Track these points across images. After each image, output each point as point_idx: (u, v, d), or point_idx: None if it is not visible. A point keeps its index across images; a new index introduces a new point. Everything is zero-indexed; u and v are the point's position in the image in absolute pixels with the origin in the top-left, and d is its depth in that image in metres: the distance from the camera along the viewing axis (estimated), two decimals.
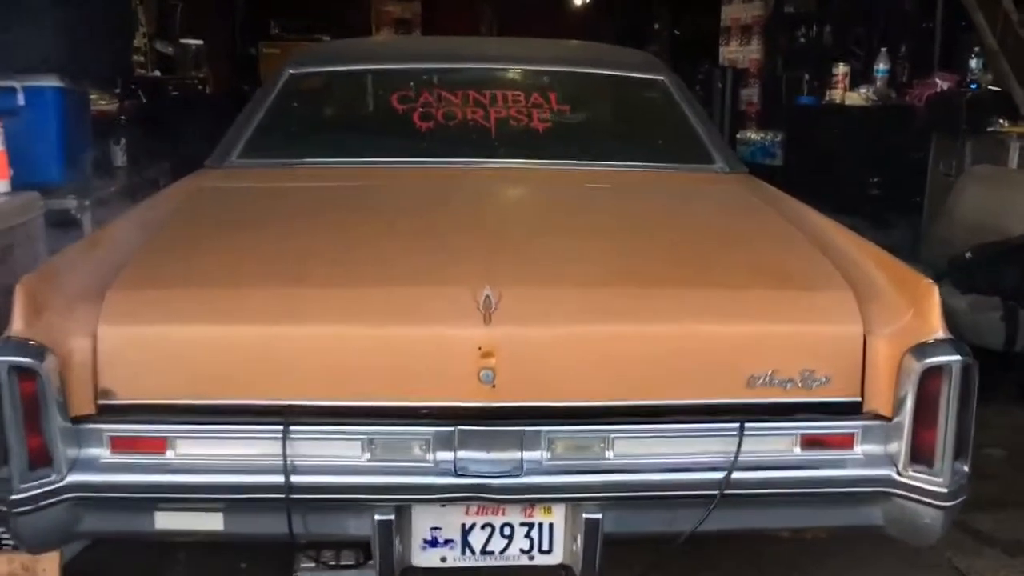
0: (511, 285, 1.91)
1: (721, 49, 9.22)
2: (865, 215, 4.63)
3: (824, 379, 1.91)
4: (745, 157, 6.11)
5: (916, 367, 1.87)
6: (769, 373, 1.90)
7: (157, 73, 6.76)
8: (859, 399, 1.94)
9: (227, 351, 1.88)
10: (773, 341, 1.94)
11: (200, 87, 7.22)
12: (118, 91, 4.75)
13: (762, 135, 7.64)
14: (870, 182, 5.80)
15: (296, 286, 1.98)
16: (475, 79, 3.26)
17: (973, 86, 5.32)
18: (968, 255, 3.98)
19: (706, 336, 1.94)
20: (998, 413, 1.91)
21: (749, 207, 2.70)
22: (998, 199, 4.38)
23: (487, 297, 1.86)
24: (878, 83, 5.87)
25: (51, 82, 3.49)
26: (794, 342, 1.94)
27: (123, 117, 4.56)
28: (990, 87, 5.28)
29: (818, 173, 5.91)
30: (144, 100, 5.09)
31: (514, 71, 3.41)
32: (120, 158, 4.36)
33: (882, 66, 5.89)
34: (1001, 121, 5.02)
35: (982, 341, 3.51)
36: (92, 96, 4.20)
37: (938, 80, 5.48)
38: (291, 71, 3.26)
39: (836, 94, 6.03)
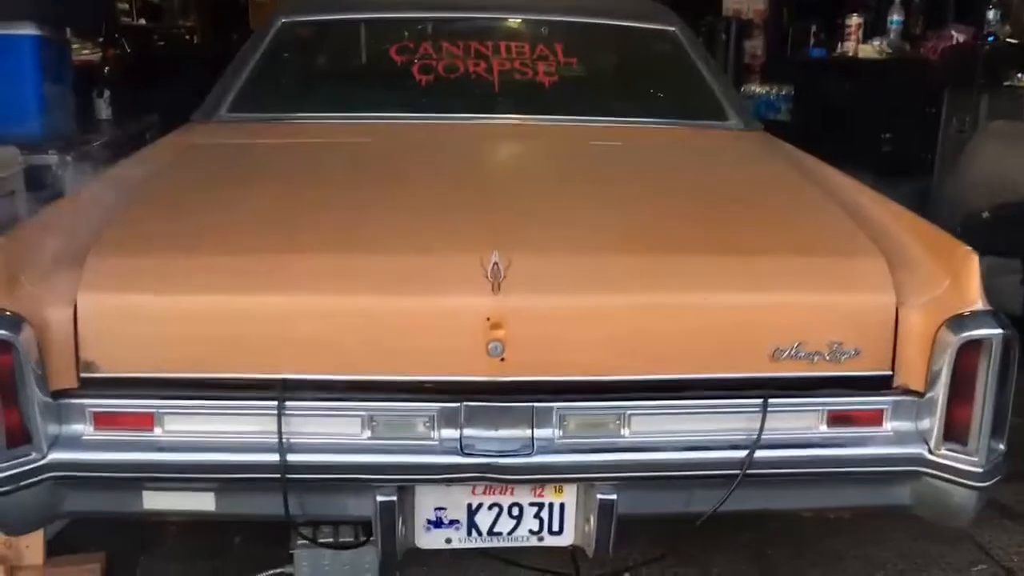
0: (521, 251, 1.79)
1: None
2: (874, 172, 4.48)
3: (853, 352, 1.81)
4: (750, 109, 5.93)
5: (953, 340, 1.77)
6: (795, 345, 1.79)
7: (142, 22, 6.53)
8: (890, 373, 1.84)
9: (218, 321, 1.76)
10: (799, 311, 1.83)
11: (187, 36, 6.97)
12: (102, 40, 4.55)
13: (767, 89, 7.46)
14: (881, 138, 5.65)
15: (292, 252, 1.86)
16: (477, 29, 3.11)
17: (990, 38, 5.14)
18: (985, 215, 3.86)
19: (728, 306, 1.82)
20: (1016, 380, 1.83)
21: (768, 167, 2.57)
22: (1015, 156, 4.24)
23: (495, 264, 1.74)
24: (892, 35, 5.68)
25: (28, 30, 3.29)
26: (822, 312, 1.83)
27: (107, 68, 4.36)
28: (1008, 40, 5.10)
29: (827, 128, 5.76)
30: (128, 50, 4.87)
31: (518, 21, 3.25)
32: (105, 111, 4.18)
33: (896, 17, 5.69)
34: (1019, 75, 4.86)
35: (999, 306, 3.39)
36: (75, 46, 4.01)
37: (954, 32, 5.30)
38: (283, 19, 3.11)
39: (848, 46, 5.85)
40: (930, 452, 1.82)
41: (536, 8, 3.24)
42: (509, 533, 1.89)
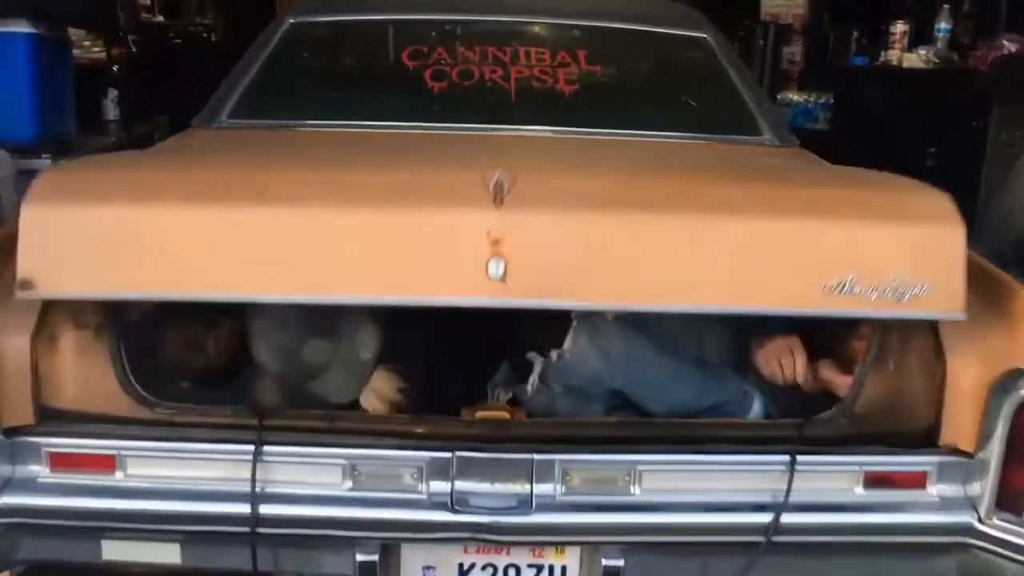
0: (529, 171, 1.59)
1: (763, 3, 8.73)
2: None
3: (919, 289, 1.54)
4: (785, 120, 5.72)
5: (1010, 398, 1.60)
6: (851, 279, 1.54)
7: (160, 18, 6.41)
8: (962, 316, 1.58)
9: (182, 233, 1.55)
10: (854, 240, 1.59)
11: (205, 34, 6.83)
12: (107, 37, 4.41)
13: (805, 96, 7.22)
14: (924, 152, 5.39)
15: (269, 169, 1.69)
16: (495, 34, 2.93)
17: None
18: None
19: (768, 230, 1.59)
20: None
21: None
22: None
23: (499, 181, 1.52)
24: (939, 43, 5.42)
25: (22, 27, 3.15)
26: (880, 243, 1.59)
27: (115, 67, 4.23)
28: None
29: (867, 139, 5.52)
30: (135, 49, 4.74)
31: (538, 25, 3.06)
32: (112, 112, 4.05)
33: (943, 25, 5.44)
34: None
35: None
36: (85, 43, 3.88)
37: (1005, 42, 5.03)
38: (291, 20, 2.95)
39: (892, 54, 5.60)
40: (980, 521, 1.65)
41: (557, 12, 3.05)
42: None
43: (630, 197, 1.61)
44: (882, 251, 1.57)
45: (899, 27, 5.70)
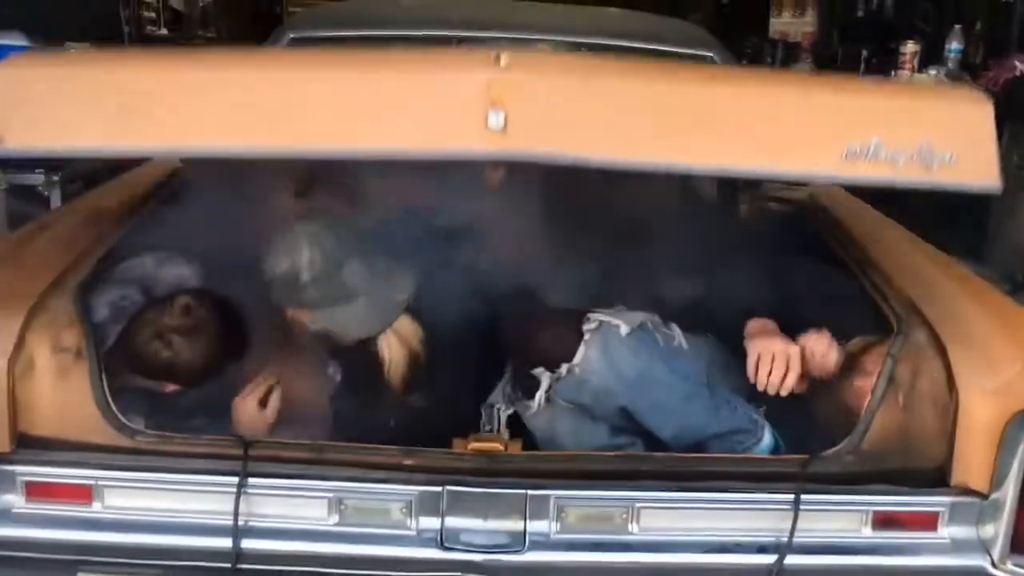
0: (531, 53, 1.61)
1: (771, 20, 8.71)
2: (925, 211, 4.19)
3: (948, 158, 1.42)
4: None
5: None
6: (875, 143, 1.41)
7: (164, 32, 6.40)
8: (998, 188, 1.46)
9: (162, 90, 1.44)
10: (878, 108, 1.49)
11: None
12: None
13: None
14: None
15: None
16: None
17: None
18: None
19: (787, 94, 1.51)
20: None
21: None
22: None
23: (498, 56, 1.43)
24: (949, 64, 5.35)
25: (15, 40, 3.11)
26: (906, 113, 1.49)
27: None
28: None
29: None
30: None
31: (540, 42, 3.00)
32: None
33: (955, 45, 5.36)
34: None
35: None
36: None
37: (1017, 63, 4.96)
38: (291, 35, 2.92)
39: (903, 75, 5.52)
40: (993, 565, 1.59)
41: (559, 30, 3.01)
42: None
43: (638, 69, 1.58)
44: (908, 121, 1.46)
45: (909, 47, 5.61)
